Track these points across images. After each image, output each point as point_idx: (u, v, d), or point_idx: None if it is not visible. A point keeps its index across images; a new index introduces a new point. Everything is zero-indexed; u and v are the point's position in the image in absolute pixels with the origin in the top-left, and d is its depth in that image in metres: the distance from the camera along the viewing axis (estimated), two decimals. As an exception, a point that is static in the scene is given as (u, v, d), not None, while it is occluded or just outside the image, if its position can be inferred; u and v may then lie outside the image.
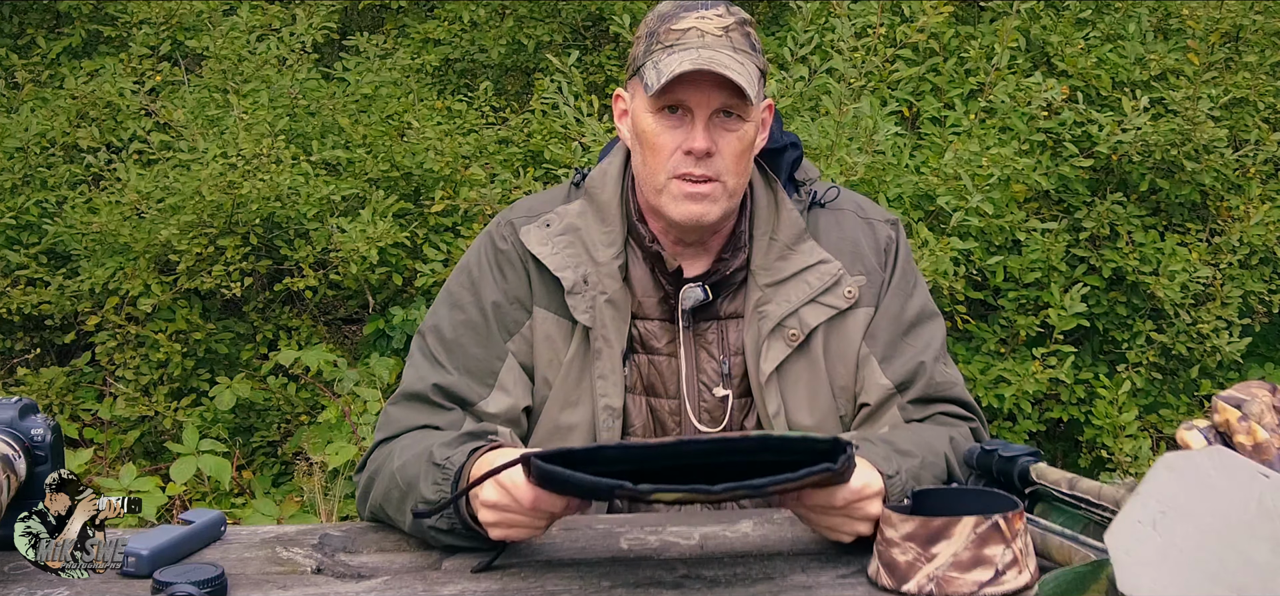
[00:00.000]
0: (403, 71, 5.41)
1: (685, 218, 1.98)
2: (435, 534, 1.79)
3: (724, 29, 1.96)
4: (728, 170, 1.97)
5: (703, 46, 1.93)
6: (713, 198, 1.97)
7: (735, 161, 1.98)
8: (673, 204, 1.98)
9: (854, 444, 1.62)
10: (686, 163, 1.96)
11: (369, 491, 1.95)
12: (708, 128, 1.95)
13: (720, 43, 1.94)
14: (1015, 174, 4.25)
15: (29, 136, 5.12)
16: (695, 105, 1.94)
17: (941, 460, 1.90)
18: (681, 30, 1.95)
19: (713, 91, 1.93)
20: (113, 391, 4.75)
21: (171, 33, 5.48)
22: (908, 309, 2.08)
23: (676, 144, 1.96)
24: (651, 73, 1.94)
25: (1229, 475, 1.37)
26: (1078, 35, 4.83)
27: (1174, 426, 4.23)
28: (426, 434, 1.96)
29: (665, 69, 1.92)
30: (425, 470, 1.80)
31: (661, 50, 1.95)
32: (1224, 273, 4.49)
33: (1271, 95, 4.84)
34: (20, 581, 1.69)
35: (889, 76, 4.58)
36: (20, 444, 1.75)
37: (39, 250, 4.91)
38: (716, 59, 1.91)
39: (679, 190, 1.97)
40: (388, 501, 1.89)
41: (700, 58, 1.91)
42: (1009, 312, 4.43)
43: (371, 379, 4.46)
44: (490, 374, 2.04)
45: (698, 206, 1.97)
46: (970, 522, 1.56)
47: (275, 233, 4.65)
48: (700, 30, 1.95)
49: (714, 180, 1.96)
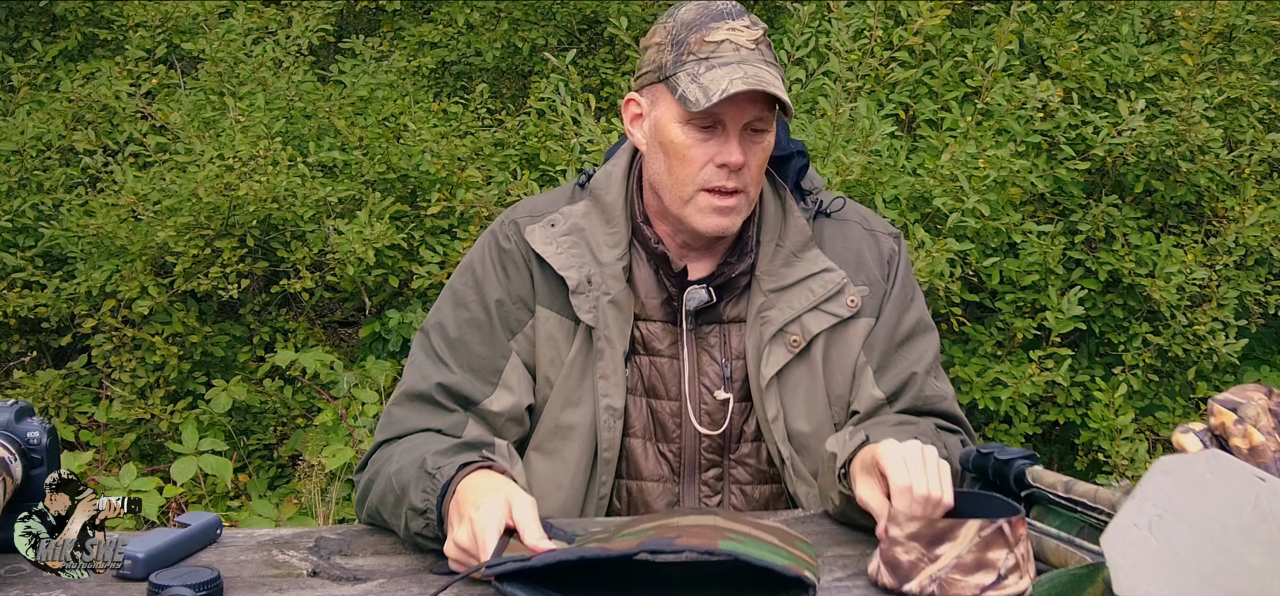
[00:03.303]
0: (399, 74, 5.41)
1: (712, 230, 1.99)
2: (422, 540, 1.80)
3: (755, 41, 1.95)
4: (753, 180, 1.99)
5: (742, 62, 1.91)
6: (738, 210, 1.99)
7: (759, 171, 2.00)
8: (699, 216, 1.98)
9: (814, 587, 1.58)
10: (719, 176, 1.96)
11: (368, 492, 1.95)
12: (739, 140, 1.95)
13: (756, 56, 1.93)
14: (1011, 176, 4.26)
15: (25, 139, 5.12)
16: (730, 120, 1.94)
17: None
18: (716, 42, 1.93)
19: (748, 105, 1.93)
20: (109, 394, 4.75)
21: (167, 35, 5.48)
22: (904, 321, 2.09)
23: (708, 156, 1.96)
24: (693, 87, 1.92)
25: (1225, 479, 1.37)
26: (1071, 38, 4.83)
27: (1170, 429, 4.25)
28: (427, 437, 1.96)
29: (711, 85, 1.90)
30: (416, 477, 1.81)
31: (697, 62, 1.93)
32: (1220, 274, 4.49)
33: (1266, 95, 4.84)
34: (17, 584, 1.69)
35: (886, 78, 4.59)
36: (16, 447, 1.75)
37: (35, 253, 4.90)
38: (762, 76, 1.90)
39: (707, 203, 1.97)
40: (383, 504, 1.89)
41: (748, 75, 1.89)
42: (1006, 315, 4.43)
43: (368, 381, 4.46)
44: (494, 372, 2.04)
45: (726, 219, 1.99)
46: (975, 526, 1.56)
47: (272, 235, 4.65)
48: (734, 43, 1.93)
49: (741, 192, 1.97)
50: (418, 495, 1.78)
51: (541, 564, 1.57)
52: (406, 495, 1.81)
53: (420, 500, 1.77)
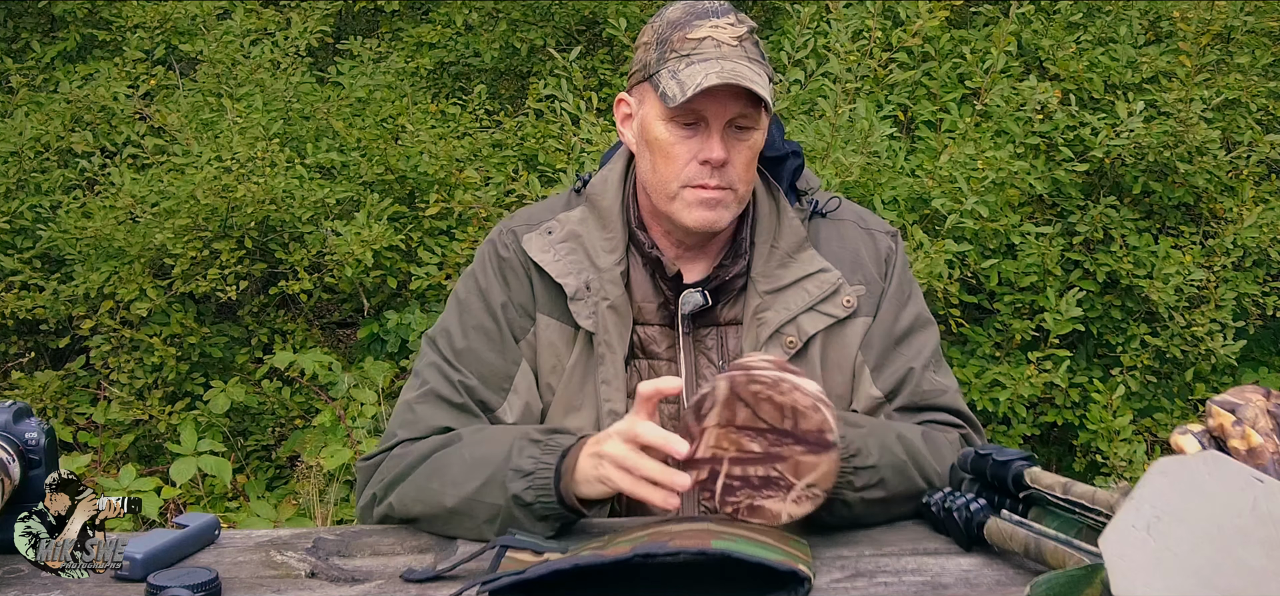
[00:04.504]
0: (397, 75, 5.41)
1: (698, 223, 2.00)
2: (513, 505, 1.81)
3: (738, 39, 1.96)
4: (739, 178, 1.99)
5: (721, 57, 1.92)
6: (725, 204, 1.99)
7: (745, 169, 1.99)
8: (685, 211, 1.99)
9: (810, 581, 1.60)
10: (702, 173, 1.97)
11: (395, 480, 1.95)
12: (722, 137, 1.96)
13: (737, 53, 1.94)
14: (1010, 177, 4.26)
15: (23, 141, 5.12)
16: (712, 116, 1.95)
17: (892, 435, 1.90)
18: (697, 39, 1.94)
19: (730, 102, 1.94)
20: (107, 395, 4.75)
21: (166, 37, 5.48)
22: (901, 319, 2.09)
23: (692, 154, 1.97)
24: (671, 83, 1.93)
25: (1223, 480, 1.37)
26: (1070, 39, 4.83)
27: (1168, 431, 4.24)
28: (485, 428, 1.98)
29: (687, 81, 1.91)
30: (519, 445, 1.85)
31: (678, 59, 1.94)
32: (1218, 275, 4.49)
33: (1264, 96, 4.84)
34: (14, 585, 1.69)
35: (884, 79, 4.59)
36: (15, 448, 1.75)
37: (33, 254, 4.90)
38: (738, 71, 1.91)
39: (692, 197, 1.98)
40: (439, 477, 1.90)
41: (724, 70, 1.90)
42: (1004, 316, 4.43)
43: (366, 382, 4.46)
44: (506, 378, 2.04)
45: (711, 213, 1.99)
46: None
47: (270, 236, 4.65)
48: (716, 40, 1.94)
49: (727, 188, 1.98)
50: (526, 459, 1.83)
51: (535, 575, 1.57)
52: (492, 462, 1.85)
53: (530, 463, 1.82)
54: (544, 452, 1.83)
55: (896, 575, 1.69)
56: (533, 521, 1.81)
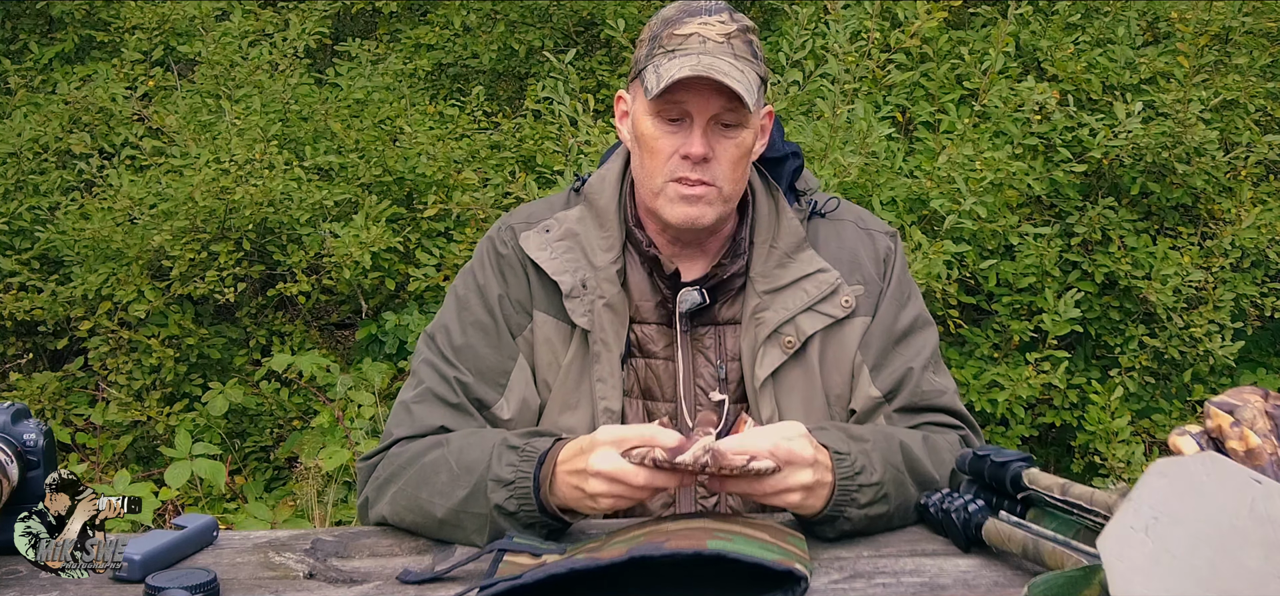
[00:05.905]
0: (395, 76, 5.41)
1: (680, 219, 2.00)
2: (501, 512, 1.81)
3: (726, 36, 1.96)
4: (724, 176, 1.99)
5: (703, 52, 1.94)
6: (707, 200, 1.99)
7: (732, 167, 1.99)
8: (669, 206, 2.00)
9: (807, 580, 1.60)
10: (683, 167, 1.97)
11: (390, 483, 1.95)
12: (706, 133, 1.96)
13: (721, 49, 1.95)
14: (1008, 178, 4.26)
15: (22, 142, 5.11)
16: (694, 111, 1.96)
17: (896, 446, 1.90)
18: (684, 35, 1.96)
19: (711, 97, 1.94)
20: (105, 396, 4.74)
21: (164, 38, 5.48)
22: (900, 319, 2.09)
23: (674, 148, 1.98)
24: (652, 76, 1.95)
25: (1221, 481, 1.37)
26: (1068, 40, 4.83)
27: (1166, 432, 4.25)
28: (475, 430, 1.97)
29: (665, 73, 1.93)
30: (498, 452, 1.83)
31: (663, 54, 1.96)
32: (1216, 276, 4.49)
33: (1262, 97, 4.84)
34: (13, 586, 1.69)
35: (883, 80, 4.59)
36: (13, 449, 1.75)
37: (31, 256, 4.90)
38: (716, 66, 1.92)
39: (675, 192, 1.99)
40: (427, 484, 1.89)
41: (700, 64, 1.91)
42: (1002, 317, 4.43)
43: (364, 384, 4.46)
44: (502, 374, 2.05)
45: (693, 209, 1.99)
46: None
47: (268, 238, 4.65)
48: (702, 36, 1.96)
49: (709, 184, 1.98)
50: (504, 468, 1.81)
51: (532, 579, 1.57)
52: (476, 470, 1.83)
53: (509, 471, 1.81)
54: (522, 460, 1.82)
55: (894, 576, 1.69)
56: (520, 529, 1.81)
